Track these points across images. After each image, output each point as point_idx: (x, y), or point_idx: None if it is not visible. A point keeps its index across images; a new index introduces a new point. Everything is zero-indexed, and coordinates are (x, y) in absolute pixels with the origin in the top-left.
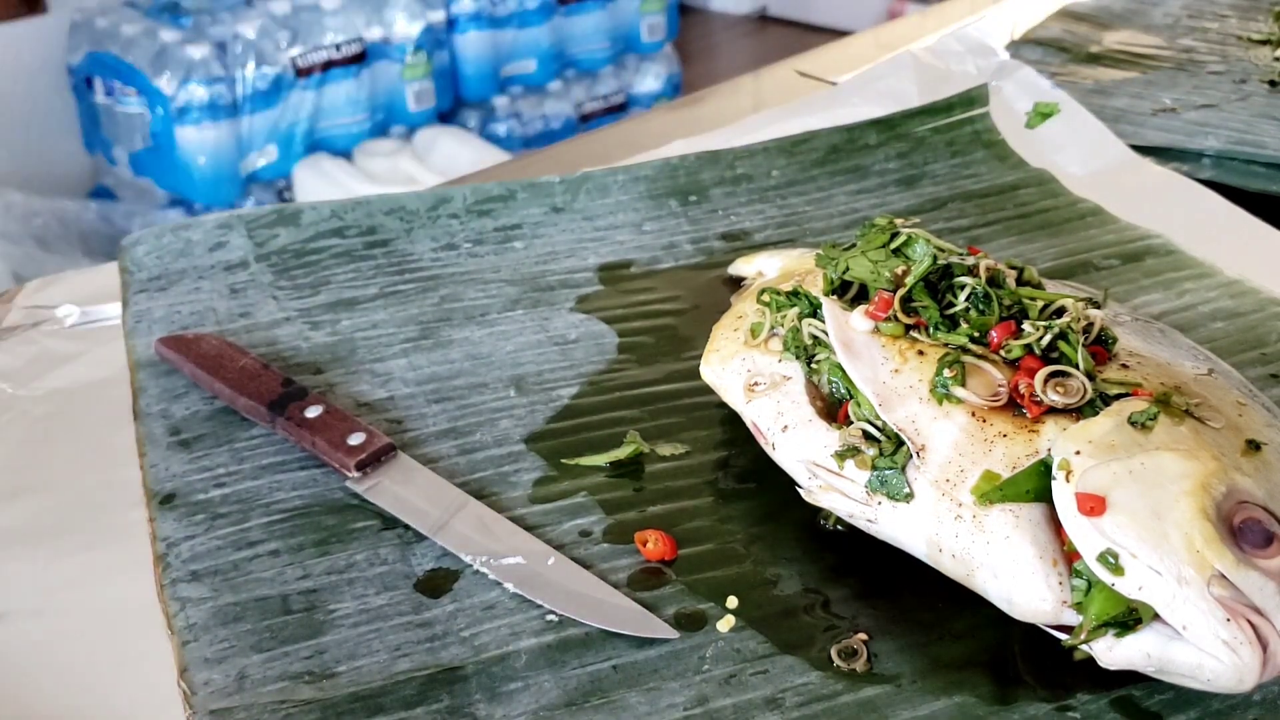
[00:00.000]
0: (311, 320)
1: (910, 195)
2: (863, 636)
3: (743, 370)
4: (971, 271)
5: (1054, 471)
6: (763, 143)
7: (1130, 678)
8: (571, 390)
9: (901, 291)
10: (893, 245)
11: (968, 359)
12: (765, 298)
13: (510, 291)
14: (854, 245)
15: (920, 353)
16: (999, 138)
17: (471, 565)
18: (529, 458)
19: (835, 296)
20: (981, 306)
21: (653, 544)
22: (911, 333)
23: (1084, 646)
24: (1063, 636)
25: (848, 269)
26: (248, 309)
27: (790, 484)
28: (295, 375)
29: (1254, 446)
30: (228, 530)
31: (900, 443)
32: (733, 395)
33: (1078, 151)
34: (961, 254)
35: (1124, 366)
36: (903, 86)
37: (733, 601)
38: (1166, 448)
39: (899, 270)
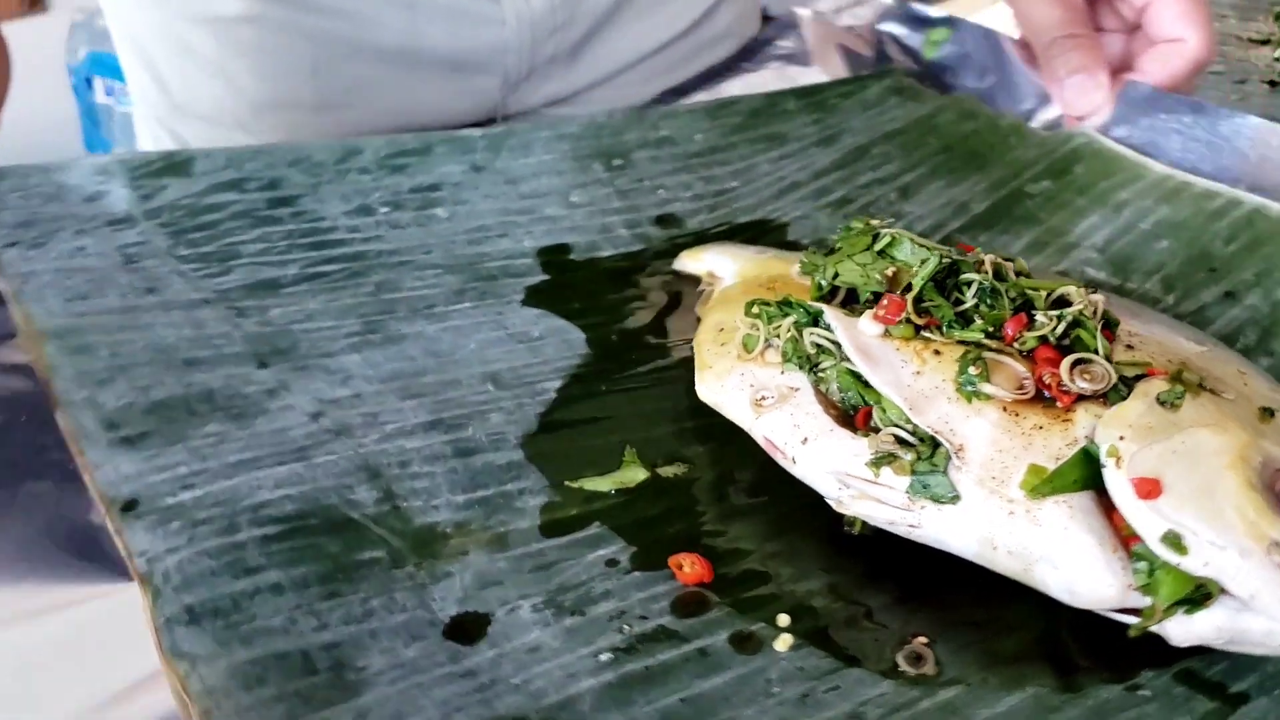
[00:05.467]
0: (234, 305)
1: (832, 151)
2: (923, 640)
3: (744, 385)
4: (976, 268)
5: (1103, 459)
6: (687, 105)
7: (1186, 652)
8: (555, 384)
9: (913, 293)
10: (877, 247)
11: (988, 355)
12: (756, 310)
13: (451, 280)
14: (834, 250)
15: (936, 352)
16: (908, 83)
17: (505, 607)
18: (529, 472)
19: (824, 303)
20: (990, 301)
21: (689, 567)
22: (922, 333)
23: (1154, 627)
24: (1129, 619)
25: (837, 275)
26: (153, 284)
27: (803, 494)
28: (237, 368)
29: (1269, 413)
30: (215, 544)
31: (935, 445)
32: (737, 412)
33: (977, 63)
34: (947, 250)
35: (1129, 347)
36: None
37: (784, 619)
38: (1199, 424)
39: (888, 272)
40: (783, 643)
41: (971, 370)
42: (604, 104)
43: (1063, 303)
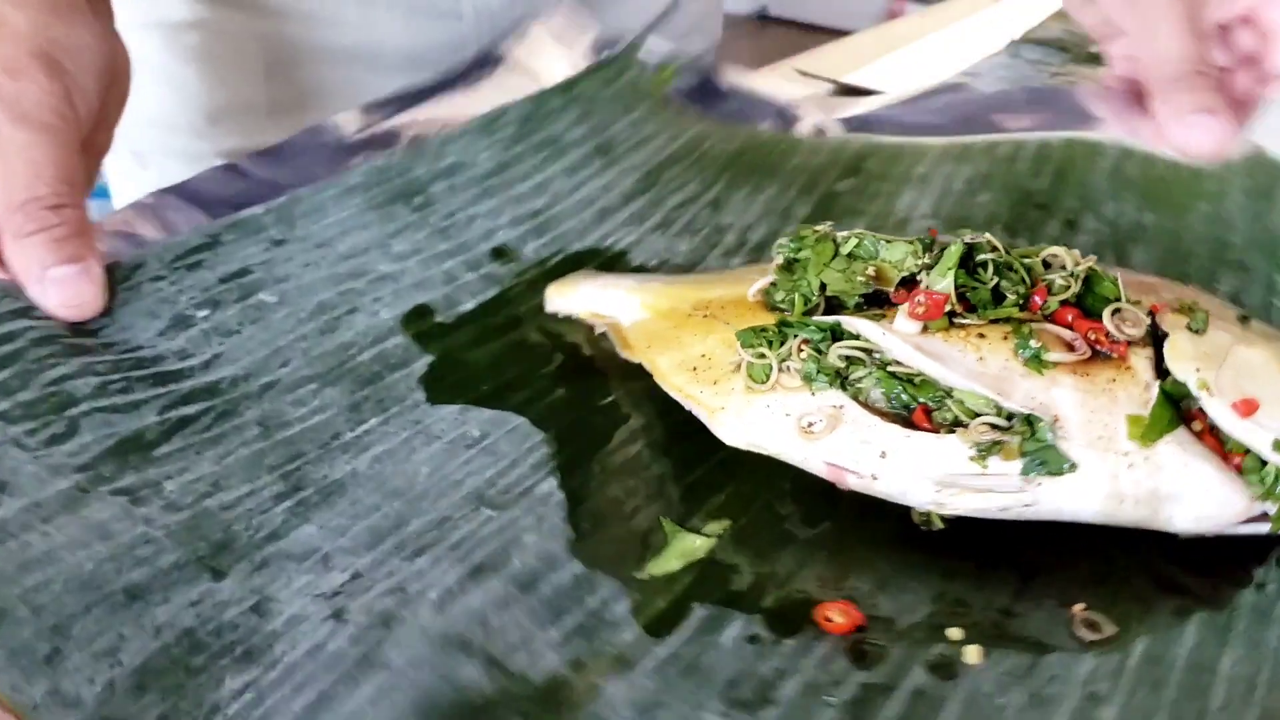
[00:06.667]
0: (118, 488)
1: (619, 170)
2: (1081, 606)
3: (777, 416)
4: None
5: (1196, 392)
6: (460, 125)
7: (1270, 544)
8: (551, 484)
9: (946, 281)
10: (845, 251)
11: (1034, 326)
12: (756, 340)
13: (335, 395)
14: (796, 263)
15: (981, 335)
16: (646, 89)
17: None
18: (597, 580)
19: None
20: (1006, 276)
21: (839, 617)
22: (955, 320)
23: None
24: (1258, 528)
25: (824, 286)
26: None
27: (858, 510)
28: (192, 589)
29: (1245, 320)
30: None
31: (1029, 423)
32: (782, 445)
33: (709, 94)
34: (914, 239)
35: None
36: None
37: (956, 633)
38: (1233, 341)
39: (870, 272)
40: (973, 655)
41: (1034, 343)
42: None
43: (1049, 267)
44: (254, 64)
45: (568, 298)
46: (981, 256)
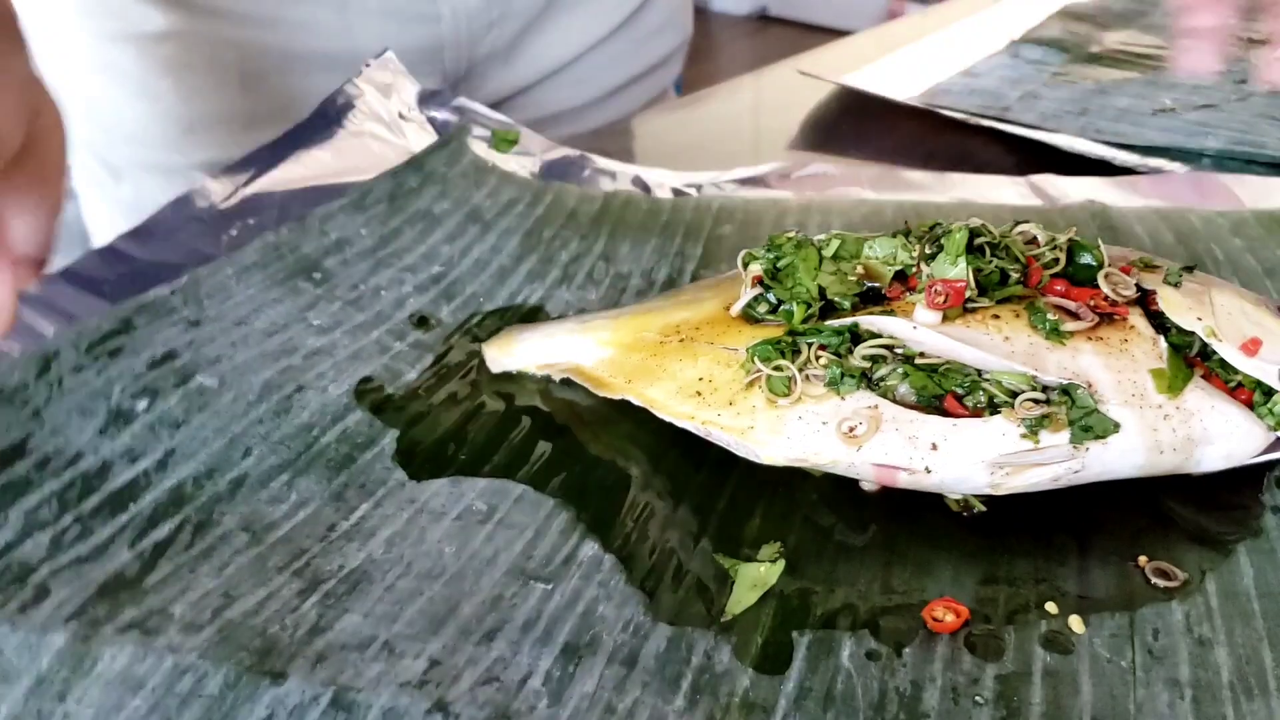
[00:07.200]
0: (126, 625)
1: (498, 234)
2: (1145, 558)
3: (814, 427)
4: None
5: (1206, 339)
6: (337, 203)
7: (1255, 472)
8: (592, 548)
9: (957, 268)
10: (829, 253)
11: (1039, 302)
12: (772, 352)
13: (310, 486)
14: (779, 272)
15: (996, 316)
16: (489, 164)
17: None
18: (691, 635)
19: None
20: (1001, 255)
21: (947, 615)
22: (966, 305)
23: None
24: (1274, 456)
25: (823, 289)
26: None
27: (896, 506)
28: (253, 705)
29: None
30: None
31: (1066, 393)
32: (827, 454)
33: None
34: (891, 233)
35: None
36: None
37: (1052, 607)
38: (1205, 289)
39: (860, 271)
40: (1077, 624)
41: (1051, 316)
42: (549, 105)
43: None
44: (229, 74)
45: (512, 354)
46: (979, 240)
